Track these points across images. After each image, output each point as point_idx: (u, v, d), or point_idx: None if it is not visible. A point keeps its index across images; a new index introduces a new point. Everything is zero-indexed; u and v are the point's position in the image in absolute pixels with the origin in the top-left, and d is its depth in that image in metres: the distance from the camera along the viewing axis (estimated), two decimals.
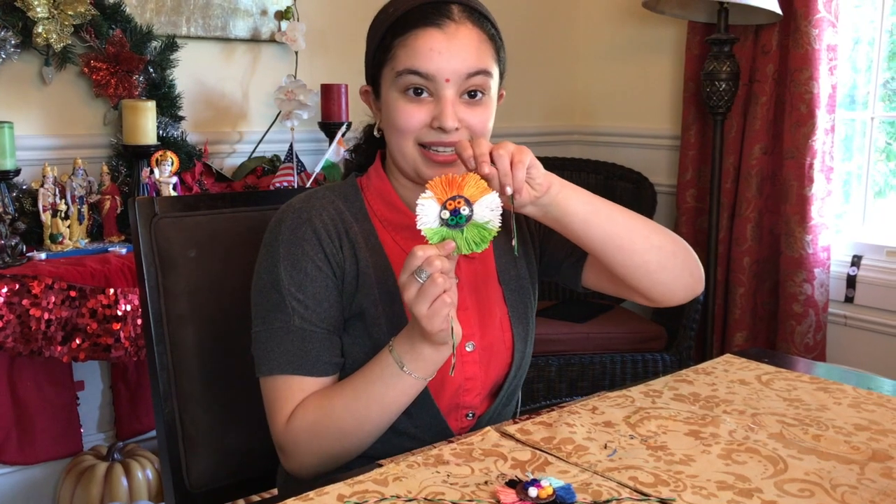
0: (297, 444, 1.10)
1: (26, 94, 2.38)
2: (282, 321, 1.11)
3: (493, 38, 1.14)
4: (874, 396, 1.26)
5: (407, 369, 1.04)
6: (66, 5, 2.29)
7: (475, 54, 1.10)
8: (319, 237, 1.12)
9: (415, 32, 1.10)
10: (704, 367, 1.38)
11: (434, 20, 1.10)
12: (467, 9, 1.12)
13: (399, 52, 1.10)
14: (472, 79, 1.10)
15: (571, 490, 0.93)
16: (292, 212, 1.15)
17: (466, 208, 0.98)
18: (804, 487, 0.96)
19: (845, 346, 2.84)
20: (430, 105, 1.10)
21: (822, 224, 2.73)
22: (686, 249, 1.21)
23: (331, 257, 1.13)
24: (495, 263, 1.25)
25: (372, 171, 1.22)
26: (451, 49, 1.09)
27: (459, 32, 1.10)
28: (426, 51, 1.09)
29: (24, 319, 1.94)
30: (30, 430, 2.30)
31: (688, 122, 3.08)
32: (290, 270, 1.11)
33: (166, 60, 2.52)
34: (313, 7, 2.87)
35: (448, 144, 1.11)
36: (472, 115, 1.12)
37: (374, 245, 1.17)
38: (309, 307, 1.11)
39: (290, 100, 2.64)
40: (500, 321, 1.23)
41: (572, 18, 3.60)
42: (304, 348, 1.10)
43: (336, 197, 1.18)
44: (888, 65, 2.83)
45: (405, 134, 1.11)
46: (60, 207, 2.21)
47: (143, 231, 1.28)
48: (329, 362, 1.12)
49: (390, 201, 1.19)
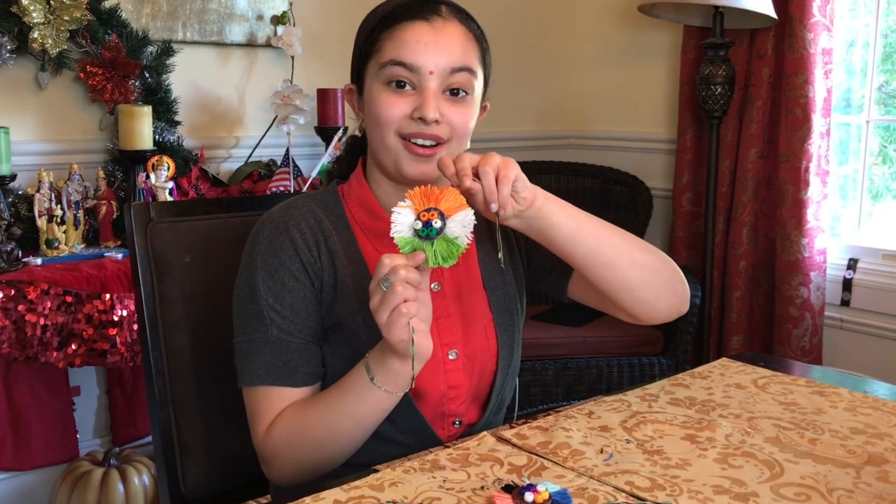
0: (276, 454, 1.11)
1: (22, 99, 2.38)
2: (260, 332, 1.11)
3: (478, 39, 1.15)
4: (870, 400, 1.26)
5: (377, 381, 1.03)
6: (62, 10, 2.29)
7: (461, 50, 1.11)
8: (297, 247, 1.13)
9: (402, 25, 1.11)
10: (701, 371, 1.38)
11: (422, 14, 1.11)
12: (455, 8, 1.15)
13: (386, 43, 1.11)
14: (456, 74, 1.11)
15: (568, 495, 0.93)
16: (270, 222, 1.15)
17: (439, 221, 0.96)
18: (800, 491, 0.96)
19: (841, 349, 2.85)
20: (412, 97, 1.11)
21: (817, 227, 2.74)
22: (671, 269, 1.20)
23: (308, 266, 1.13)
24: (480, 270, 1.24)
25: (353, 177, 1.22)
26: (438, 42, 1.10)
27: (447, 27, 1.11)
28: (413, 42, 1.10)
29: (19, 325, 1.94)
30: (26, 436, 2.29)
31: (684, 125, 3.08)
32: (267, 281, 1.12)
33: (162, 65, 2.52)
34: (309, 12, 2.87)
35: (428, 136, 1.11)
36: (454, 112, 1.12)
37: (353, 254, 1.16)
38: (286, 318, 1.11)
39: (287, 104, 2.64)
40: (485, 328, 1.22)
41: (568, 22, 3.61)
42: (283, 359, 1.10)
43: (316, 205, 1.18)
44: (883, 68, 2.84)
45: (386, 125, 1.11)
46: (56, 212, 2.21)
47: (139, 236, 1.28)
48: (308, 372, 1.12)
49: (370, 208, 1.19)
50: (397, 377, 1.03)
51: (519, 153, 3.31)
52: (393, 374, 1.03)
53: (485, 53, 1.16)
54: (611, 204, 3.19)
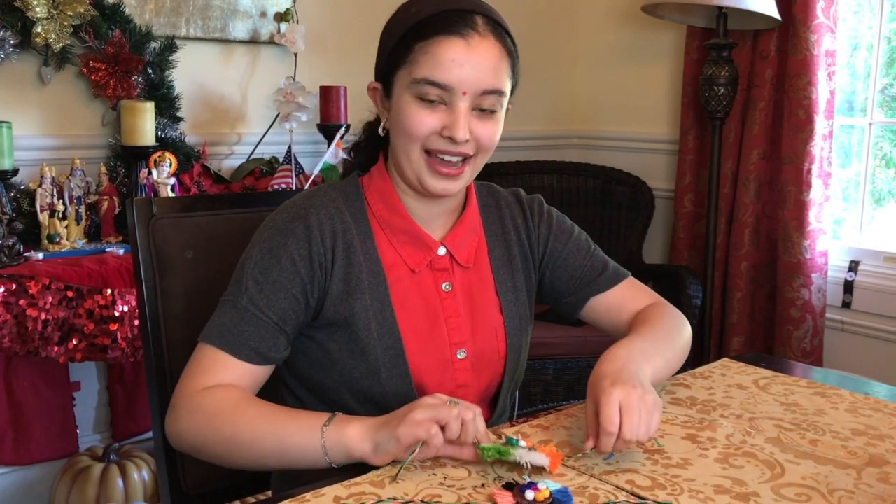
0: (191, 417, 1.07)
1: (25, 94, 2.38)
2: (233, 296, 1.11)
3: (511, 54, 1.13)
4: (871, 401, 1.26)
5: (325, 442, 1.00)
6: (66, 5, 2.29)
7: (493, 72, 1.09)
8: (310, 235, 1.12)
9: (437, 39, 1.08)
10: (702, 372, 1.38)
11: (458, 29, 1.08)
12: (491, 21, 1.11)
13: (420, 57, 1.09)
14: (487, 97, 1.10)
15: (568, 493, 0.93)
16: (291, 205, 1.15)
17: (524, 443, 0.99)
18: (801, 492, 0.96)
19: (842, 351, 2.84)
20: (442, 113, 1.10)
21: (819, 229, 2.73)
22: (688, 345, 1.27)
23: (315, 257, 1.12)
24: (493, 274, 1.24)
25: (375, 170, 1.21)
26: (472, 62, 1.08)
27: (482, 46, 1.09)
28: (448, 61, 1.07)
29: (20, 319, 1.94)
30: (26, 431, 2.29)
31: (686, 126, 3.08)
32: (263, 253, 1.12)
33: (165, 61, 2.52)
34: (313, 9, 2.87)
35: (456, 154, 1.11)
36: (483, 129, 1.11)
37: (369, 248, 1.16)
38: (263, 291, 1.10)
39: (289, 102, 2.64)
40: (496, 331, 1.23)
41: (571, 23, 3.61)
42: (238, 328, 1.09)
43: (338, 196, 1.18)
44: (887, 71, 2.84)
45: (414, 139, 1.11)
46: (58, 208, 2.21)
47: (141, 232, 1.28)
48: (256, 350, 1.09)
49: (391, 203, 1.18)
50: (342, 454, 1.00)
51: (521, 153, 3.32)
52: (344, 450, 1.00)
53: (515, 66, 1.14)
54: (613, 204, 3.18)
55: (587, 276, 1.29)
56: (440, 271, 1.19)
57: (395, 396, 1.14)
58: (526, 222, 1.29)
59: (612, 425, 0.99)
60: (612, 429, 0.99)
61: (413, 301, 1.17)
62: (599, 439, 1.00)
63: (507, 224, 1.27)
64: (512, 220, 1.28)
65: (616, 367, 1.08)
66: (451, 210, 1.21)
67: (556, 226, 1.30)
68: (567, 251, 1.29)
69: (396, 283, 1.16)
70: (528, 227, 1.29)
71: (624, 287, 1.31)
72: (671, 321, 1.25)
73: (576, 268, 1.29)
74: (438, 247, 1.19)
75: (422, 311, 1.17)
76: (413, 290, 1.17)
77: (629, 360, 1.10)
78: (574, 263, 1.29)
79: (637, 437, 1.00)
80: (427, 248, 1.18)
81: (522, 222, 1.28)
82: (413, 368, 1.15)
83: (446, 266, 1.20)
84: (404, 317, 1.15)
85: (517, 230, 1.28)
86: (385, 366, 1.13)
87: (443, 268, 1.19)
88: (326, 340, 1.15)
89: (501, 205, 1.29)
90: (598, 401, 1.02)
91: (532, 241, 1.29)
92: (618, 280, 1.31)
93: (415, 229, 1.18)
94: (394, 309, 1.15)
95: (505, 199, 1.30)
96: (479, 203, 1.26)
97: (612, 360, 1.10)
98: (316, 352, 1.16)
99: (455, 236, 1.20)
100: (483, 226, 1.25)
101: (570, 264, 1.29)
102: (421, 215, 1.19)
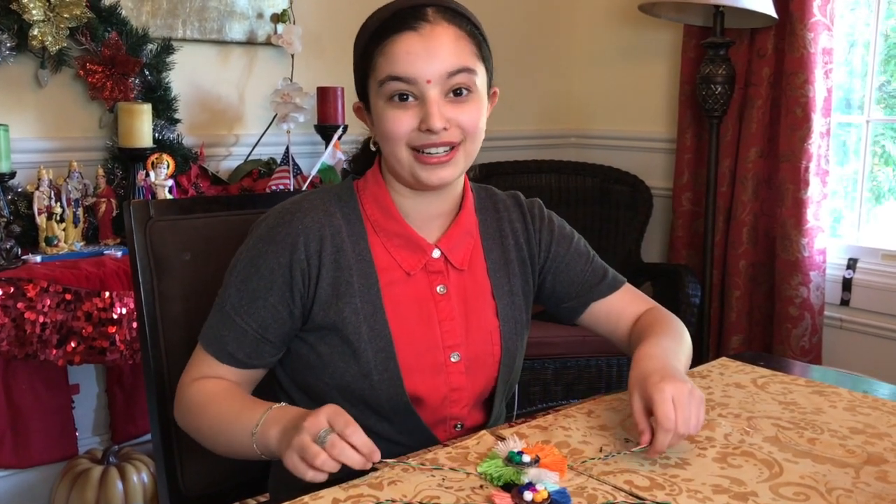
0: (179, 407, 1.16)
1: (22, 96, 2.37)
2: (221, 299, 1.15)
3: (472, 34, 1.13)
4: (869, 400, 1.26)
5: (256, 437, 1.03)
6: (62, 8, 2.29)
7: (453, 52, 1.10)
8: (295, 242, 1.12)
9: (391, 39, 1.09)
10: (700, 371, 1.38)
11: (409, 24, 1.09)
12: (441, 9, 1.12)
13: (378, 60, 1.10)
14: (454, 77, 1.10)
15: (567, 494, 0.93)
16: (280, 210, 1.16)
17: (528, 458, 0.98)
18: (799, 491, 0.96)
19: (841, 349, 2.85)
20: (416, 108, 1.10)
21: (817, 227, 2.73)
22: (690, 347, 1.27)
23: (296, 265, 1.12)
24: (489, 277, 1.24)
25: (370, 174, 1.21)
26: (428, 50, 1.08)
27: (435, 32, 1.09)
28: (403, 55, 1.08)
29: (18, 322, 1.94)
30: (25, 434, 2.29)
31: (684, 125, 3.08)
32: (245, 262, 1.14)
33: (162, 63, 2.52)
34: (309, 10, 2.87)
35: (439, 145, 1.11)
36: (461, 114, 1.11)
37: (361, 250, 1.16)
38: (243, 300, 1.13)
39: (286, 103, 2.64)
40: (491, 334, 1.23)
41: (569, 22, 3.61)
42: (220, 332, 1.14)
43: (330, 199, 1.18)
44: (884, 68, 2.84)
45: (396, 140, 1.11)
46: (56, 210, 2.21)
47: (139, 234, 1.28)
48: (233, 356, 1.14)
49: (385, 206, 1.18)
50: (273, 456, 1.03)
51: (519, 152, 3.32)
52: (273, 455, 1.03)
53: (481, 46, 1.14)
54: (611, 203, 3.18)
55: (589, 282, 1.30)
56: (435, 274, 1.19)
57: (387, 399, 1.14)
58: (526, 227, 1.28)
59: (669, 422, 1.01)
60: (671, 425, 1.01)
61: (406, 303, 1.17)
62: (656, 436, 1.02)
63: (504, 227, 1.27)
64: (510, 223, 1.28)
65: (659, 364, 1.09)
66: (446, 212, 1.21)
67: (557, 231, 1.31)
68: (569, 257, 1.30)
69: (389, 286, 1.16)
70: (529, 232, 1.28)
71: (623, 293, 1.32)
72: (675, 325, 1.27)
73: (577, 273, 1.30)
74: (433, 249, 1.19)
75: (415, 313, 1.17)
76: (407, 293, 1.17)
77: (666, 357, 1.12)
78: (576, 269, 1.30)
79: (689, 431, 1.02)
80: (421, 251, 1.18)
81: (522, 226, 1.28)
82: (405, 371, 1.14)
83: (441, 268, 1.19)
84: (397, 319, 1.15)
85: (515, 234, 1.27)
86: (376, 368, 1.13)
87: (437, 270, 1.19)
88: (318, 343, 1.15)
89: (499, 207, 1.28)
90: (652, 397, 1.03)
91: (532, 245, 1.28)
92: (617, 286, 1.32)
93: (408, 232, 1.17)
94: (385, 311, 1.15)
95: (503, 201, 1.30)
96: (476, 205, 1.26)
97: (650, 357, 1.12)
98: (308, 354, 1.16)
99: (450, 238, 1.20)
100: (479, 228, 1.25)
101: (572, 270, 1.30)
102: (415, 218, 1.18)
